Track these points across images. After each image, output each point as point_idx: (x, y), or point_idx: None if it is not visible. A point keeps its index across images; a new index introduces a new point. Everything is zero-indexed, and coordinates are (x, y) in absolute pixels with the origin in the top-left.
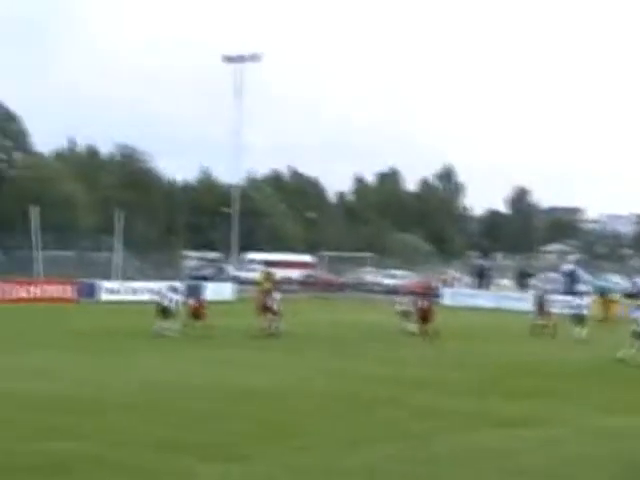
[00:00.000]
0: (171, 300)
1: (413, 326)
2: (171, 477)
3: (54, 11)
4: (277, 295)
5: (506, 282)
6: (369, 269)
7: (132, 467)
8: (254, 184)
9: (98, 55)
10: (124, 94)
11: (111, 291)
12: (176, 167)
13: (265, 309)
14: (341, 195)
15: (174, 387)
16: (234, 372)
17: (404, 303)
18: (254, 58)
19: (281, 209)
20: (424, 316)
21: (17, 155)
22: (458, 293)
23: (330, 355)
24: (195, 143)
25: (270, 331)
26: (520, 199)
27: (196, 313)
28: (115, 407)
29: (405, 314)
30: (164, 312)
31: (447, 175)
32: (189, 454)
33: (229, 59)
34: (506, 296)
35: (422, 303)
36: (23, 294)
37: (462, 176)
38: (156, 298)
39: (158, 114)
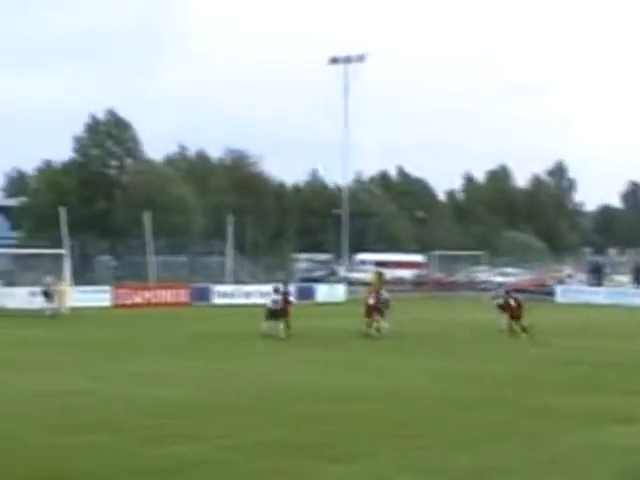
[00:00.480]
0: (275, 301)
1: (504, 322)
2: (283, 478)
3: (164, 19)
4: (384, 295)
5: (622, 278)
6: (480, 267)
7: (244, 470)
8: (363, 185)
9: (207, 60)
10: (233, 97)
11: (224, 295)
12: (285, 169)
13: (372, 310)
14: (450, 194)
15: (285, 390)
16: (344, 373)
17: (501, 296)
18: (360, 59)
19: (390, 209)
20: (514, 314)
21: (129, 161)
22: (571, 290)
23: (440, 355)
24: (303, 145)
25: (375, 332)
26: (634, 194)
27: (282, 312)
28: (228, 410)
29: (502, 308)
30: (271, 314)
31: (559, 171)
32: (300, 456)
33: (335, 60)
34: (622, 292)
35: (513, 300)
36: (137, 299)
37: (574, 172)
38: (265, 300)
39: (267, 117)
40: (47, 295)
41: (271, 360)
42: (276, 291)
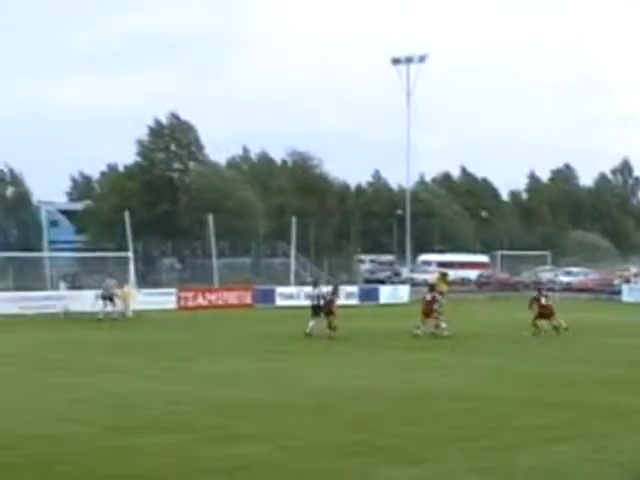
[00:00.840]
0: (316, 297)
1: (542, 323)
2: None
3: (228, 23)
4: (438, 296)
5: None
6: (545, 267)
7: (310, 471)
8: (425, 185)
9: (269, 63)
10: (295, 99)
11: (287, 296)
12: (347, 171)
13: (429, 311)
14: (514, 193)
15: (349, 391)
16: (407, 374)
17: (549, 297)
18: (421, 59)
19: (454, 209)
20: (545, 312)
21: (192, 165)
22: (637, 289)
23: (502, 355)
24: (366, 146)
25: (435, 332)
26: None
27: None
28: (292, 411)
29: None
30: (313, 309)
31: (625, 169)
32: (366, 458)
33: (397, 61)
34: None
35: (544, 298)
36: (201, 301)
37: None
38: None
39: (329, 118)
40: (107, 298)
41: (334, 361)
42: (315, 285)
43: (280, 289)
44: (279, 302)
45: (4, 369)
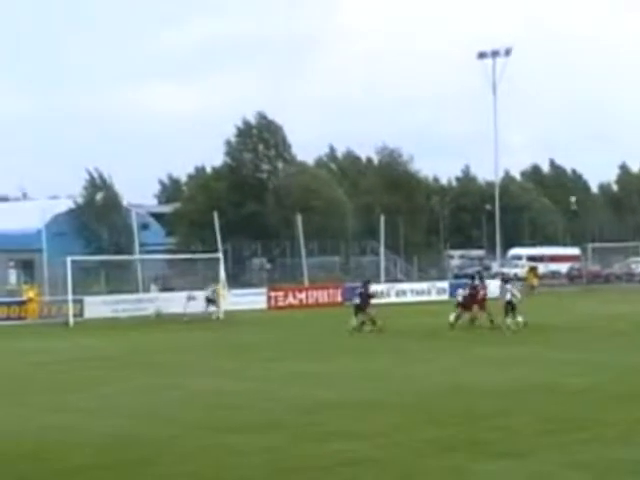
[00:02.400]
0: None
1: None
2: (444, 476)
3: (311, 22)
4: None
5: None
6: (637, 259)
7: (404, 468)
8: (514, 180)
9: (354, 61)
10: (380, 97)
11: (378, 294)
12: (435, 167)
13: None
14: (604, 185)
15: (443, 386)
16: (496, 368)
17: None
18: (507, 52)
19: (543, 203)
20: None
21: (280, 164)
22: None
23: (594, 348)
24: (453, 142)
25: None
26: None
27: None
28: (386, 408)
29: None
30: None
31: None
32: (463, 452)
33: (482, 55)
34: None
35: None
36: (292, 301)
37: None
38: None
39: (416, 115)
40: (211, 301)
41: (426, 357)
42: (364, 284)
43: (371, 287)
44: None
45: (99, 372)
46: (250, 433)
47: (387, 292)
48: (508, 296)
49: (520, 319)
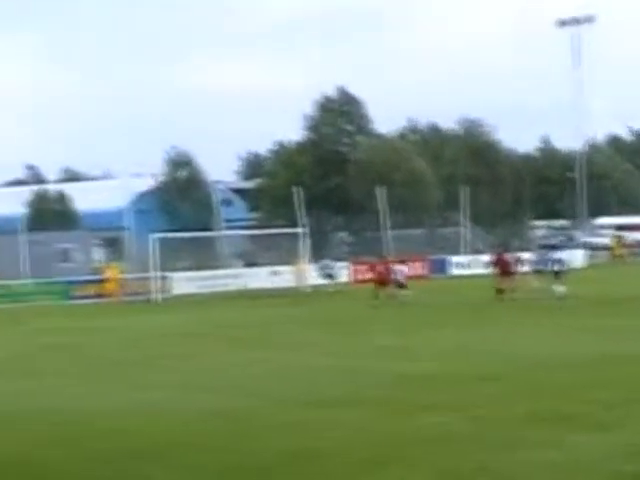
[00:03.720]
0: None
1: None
2: (543, 447)
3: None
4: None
5: None
6: None
7: (496, 440)
8: (597, 148)
9: (431, 32)
10: (459, 67)
11: (461, 265)
12: (516, 137)
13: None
14: None
15: (529, 358)
16: (587, 339)
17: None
18: (589, 20)
19: (627, 170)
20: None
21: (361, 138)
22: None
23: None
24: (533, 111)
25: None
26: None
27: (381, 280)
28: (476, 381)
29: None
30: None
31: None
32: (553, 425)
33: (563, 23)
34: None
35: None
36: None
37: None
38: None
39: (497, 85)
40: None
41: (513, 329)
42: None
43: (454, 258)
44: (454, 272)
45: (186, 347)
46: (338, 407)
47: (471, 264)
48: (555, 266)
49: (561, 289)
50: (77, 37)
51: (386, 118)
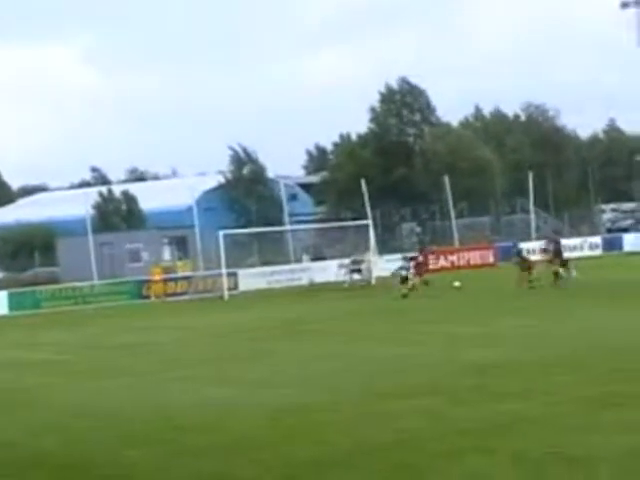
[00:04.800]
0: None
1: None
2: (616, 430)
3: None
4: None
5: None
6: None
7: (573, 424)
8: None
9: (492, 19)
10: (522, 53)
11: (530, 252)
12: (581, 121)
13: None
14: None
15: (600, 344)
16: None
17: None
18: None
19: None
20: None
21: (425, 128)
22: None
23: None
24: (598, 95)
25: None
26: None
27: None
28: (553, 367)
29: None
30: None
31: None
32: (626, 408)
33: (625, 4)
34: None
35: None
36: (444, 263)
37: None
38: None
39: (564, 67)
40: (355, 270)
41: (582, 315)
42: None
43: (522, 245)
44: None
45: (259, 343)
46: (411, 398)
47: (539, 250)
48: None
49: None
50: (128, 38)
51: (450, 106)
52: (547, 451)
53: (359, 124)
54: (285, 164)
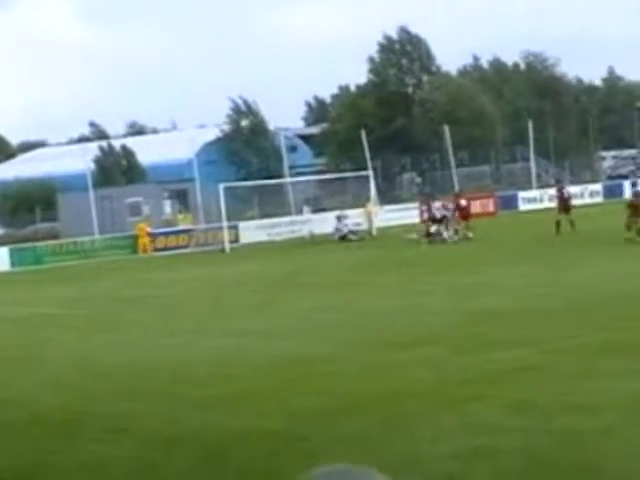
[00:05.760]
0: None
1: None
2: (619, 377)
3: None
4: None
5: None
6: None
7: (572, 371)
8: None
9: None
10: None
11: (530, 200)
12: (580, 69)
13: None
14: None
15: (604, 290)
16: None
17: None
18: None
19: None
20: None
21: (424, 77)
22: None
23: None
24: (596, 43)
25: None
26: None
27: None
28: (552, 316)
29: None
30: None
31: None
32: (627, 355)
33: None
34: None
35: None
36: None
37: None
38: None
39: (563, 15)
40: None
41: (586, 263)
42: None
43: (523, 194)
44: (523, 207)
45: (262, 295)
46: (413, 348)
47: (540, 198)
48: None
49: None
50: None
51: (449, 54)
52: (548, 398)
53: (358, 75)
54: (284, 116)
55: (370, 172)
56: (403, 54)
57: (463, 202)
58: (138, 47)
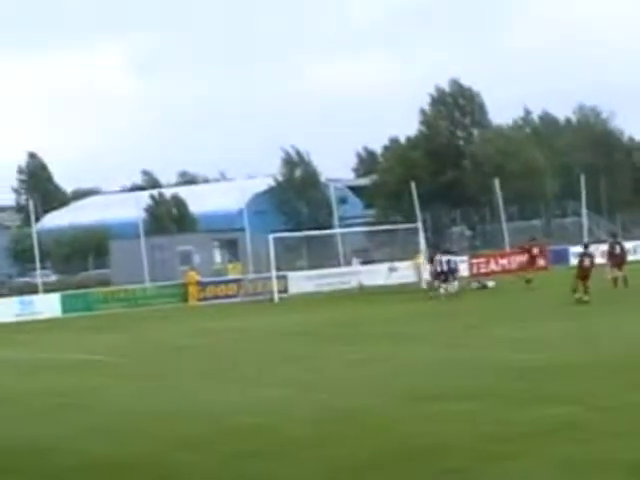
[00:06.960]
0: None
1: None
2: None
3: None
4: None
5: None
6: None
7: (620, 430)
8: None
9: (542, 19)
10: (574, 53)
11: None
12: (633, 123)
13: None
14: None
15: None
16: None
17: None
18: None
19: None
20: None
21: (475, 130)
22: None
23: None
24: None
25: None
26: None
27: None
28: (599, 371)
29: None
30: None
31: None
32: None
33: None
34: None
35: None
36: (494, 267)
37: None
38: None
39: (618, 68)
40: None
41: (632, 318)
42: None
43: (574, 248)
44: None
45: (309, 346)
46: (459, 400)
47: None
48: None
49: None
50: (188, 41)
51: (500, 108)
52: (601, 456)
53: (407, 127)
54: (335, 167)
55: (419, 224)
56: (455, 107)
57: (535, 251)
58: (188, 97)
